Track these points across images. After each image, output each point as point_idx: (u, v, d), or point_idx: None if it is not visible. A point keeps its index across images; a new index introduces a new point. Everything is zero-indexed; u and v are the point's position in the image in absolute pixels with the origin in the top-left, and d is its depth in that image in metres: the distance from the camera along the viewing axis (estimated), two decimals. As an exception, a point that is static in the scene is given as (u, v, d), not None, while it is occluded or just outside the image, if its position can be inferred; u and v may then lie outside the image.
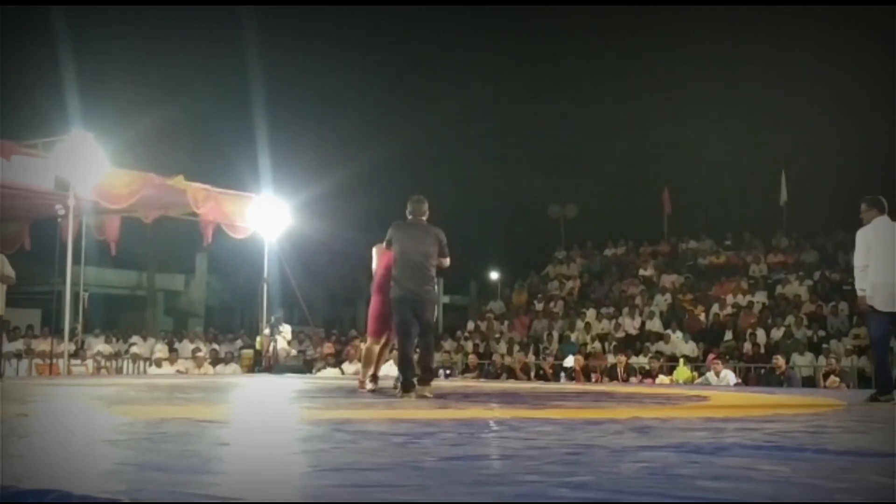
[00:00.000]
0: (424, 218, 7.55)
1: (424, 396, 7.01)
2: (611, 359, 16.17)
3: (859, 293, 7.31)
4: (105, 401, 6.57)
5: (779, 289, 19.28)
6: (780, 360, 14.20)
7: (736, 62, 29.81)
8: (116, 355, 17.23)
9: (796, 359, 15.33)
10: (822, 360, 14.92)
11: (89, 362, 15.73)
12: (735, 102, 29.86)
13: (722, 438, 3.85)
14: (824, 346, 15.73)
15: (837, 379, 13.57)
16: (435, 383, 8.68)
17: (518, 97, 34.53)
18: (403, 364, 7.33)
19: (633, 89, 31.82)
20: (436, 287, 7.51)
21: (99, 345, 17.25)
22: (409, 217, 7.52)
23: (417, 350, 7.41)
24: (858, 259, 7.30)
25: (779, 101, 29.41)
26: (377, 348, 8.22)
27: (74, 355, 14.68)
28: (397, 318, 7.37)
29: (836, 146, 26.73)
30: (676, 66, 31.36)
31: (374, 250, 8.11)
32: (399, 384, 7.30)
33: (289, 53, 31.22)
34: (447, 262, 7.57)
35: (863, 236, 7.34)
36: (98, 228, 14.55)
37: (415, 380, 7.22)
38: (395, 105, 33.18)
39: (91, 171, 11.70)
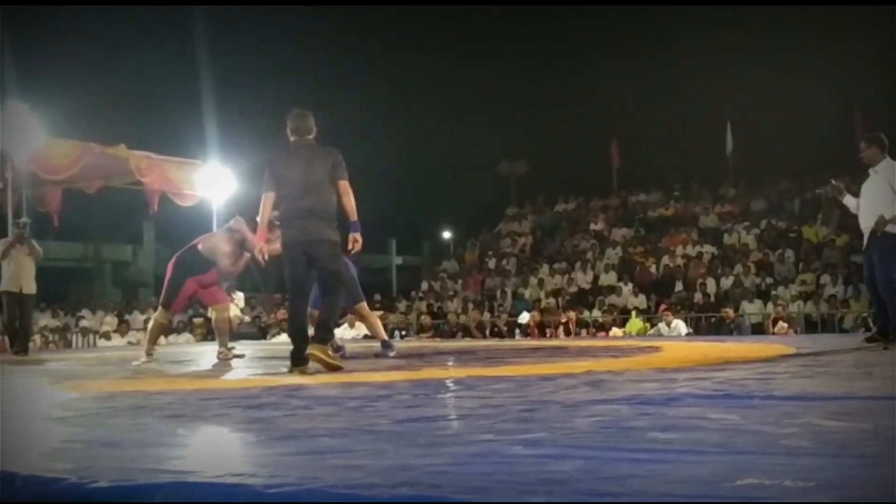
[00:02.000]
0: (311, 137, 6.00)
1: (317, 357, 5.67)
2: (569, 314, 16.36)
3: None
4: (53, 376, 6.46)
5: (727, 238, 19.60)
6: (728, 312, 14.49)
7: (679, 14, 29.91)
8: (65, 329, 16.97)
9: (745, 306, 15.65)
10: (770, 307, 15.25)
11: (37, 337, 15.47)
12: (678, 53, 30.00)
13: (673, 389, 3.91)
14: (772, 293, 16.07)
15: (785, 325, 13.90)
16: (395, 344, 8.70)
17: (464, 55, 34.33)
18: (294, 329, 5.92)
19: (579, 43, 31.83)
20: (334, 226, 5.83)
21: (46, 319, 16.97)
22: (292, 139, 5.96)
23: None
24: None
25: (721, 51, 29.63)
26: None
27: (21, 331, 14.40)
28: (287, 271, 5.84)
29: (779, 94, 27.07)
30: (620, 19, 31.38)
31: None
32: (290, 355, 5.84)
33: (235, 16, 30.61)
34: (346, 186, 5.81)
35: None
36: (39, 200, 14.21)
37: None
38: (342, 67, 32.77)
39: (27, 142, 11.40)
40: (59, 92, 17.52)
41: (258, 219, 6.14)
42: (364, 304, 8.06)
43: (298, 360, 5.72)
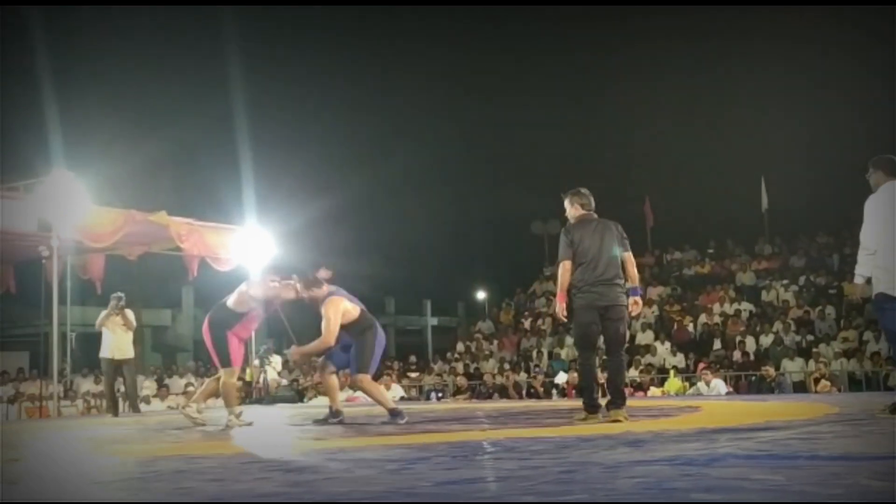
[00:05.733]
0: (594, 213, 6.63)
1: (618, 421, 6.12)
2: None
3: (857, 279, 6.20)
4: (96, 441, 6.52)
5: (765, 295, 19.38)
6: (769, 370, 14.25)
7: (711, 69, 30.12)
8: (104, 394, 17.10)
9: (786, 364, 15.39)
10: (811, 364, 14.98)
11: (79, 402, 15.63)
12: (711, 109, 30.13)
13: (715, 449, 3.87)
14: (813, 350, 15.80)
15: (828, 383, 13.62)
16: (429, 406, 8.67)
17: (496, 117, 34.71)
18: (588, 381, 6.50)
19: (610, 102, 32.07)
20: (625, 291, 6.46)
21: (87, 384, 17.14)
22: (581, 213, 6.57)
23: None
24: (867, 237, 6.04)
25: (755, 106, 29.70)
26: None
27: (64, 396, 14.57)
28: (581, 330, 6.43)
29: (814, 149, 26.99)
30: (653, 77, 31.65)
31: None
32: (584, 405, 6.45)
33: (272, 82, 31.35)
34: (630, 256, 6.52)
35: (873, 207, 6.07)
36: (82, 268, 14.48)
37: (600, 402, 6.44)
38: (378, 130, 33.31)
39: (73, 210, 11.67)
40: (102, 159, 17.98)
41: (559, 284, 6.51)
42: (366, 378, 7.43)
43: (594, 409, 6.38)
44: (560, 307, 6.49)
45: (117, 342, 11.55)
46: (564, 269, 6.42)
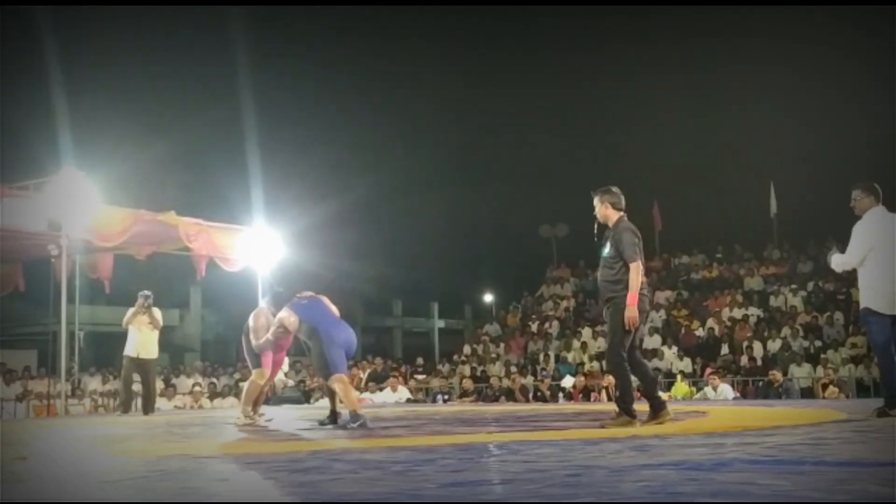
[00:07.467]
0: None
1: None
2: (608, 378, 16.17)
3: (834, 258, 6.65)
4: (103, 440, 6.53)
5: (773, 300, 19.32)
6: (776, 375, 14.20)
7: (720, 74, 30.06)
8: (114, 393, 17.14)
9: (794, 370, 15.34)
10: (819, 370, 14.93)
11: (86, 401, 15.67)
12: (720, 114, 30.06)
13: (721, 454, 3.86)
14: (822, 356, 15.75)
15: (836, 389, 13.57)
16: (435, 408, 8.67)
17: (505, 120, 34.73)
18: (630, 384, 6.44)
19: (619, 106, 32.06)
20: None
21: (95, 383, 17.19)
22: (615, 214, 6.62)
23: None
24: (855, 257, 6.52)
25: (764, 111, 29.62)
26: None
27: (71, 395, 14.62)
28: (632, 332, 6.26)
29: (824, 154, 26.91)
30: (661, 81, 31.59)
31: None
32: (625, 409, 6.32)
33: (281, 83, 31.43)
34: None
35: (862, 233, 6.50)
36: (91, 267, 14.53)
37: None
38: (385, 134, 33.35)
39: (82, 209, 11.71)
40: (111, 159, 18.04)
41: (635, 284, 6.26)
42: (336, 378, 7.02)
43: (634, 413, 6.28)
44: (636, 310, 6.22)
45: (143, 341, 11.43)
46: (640, 270, 6.30)
